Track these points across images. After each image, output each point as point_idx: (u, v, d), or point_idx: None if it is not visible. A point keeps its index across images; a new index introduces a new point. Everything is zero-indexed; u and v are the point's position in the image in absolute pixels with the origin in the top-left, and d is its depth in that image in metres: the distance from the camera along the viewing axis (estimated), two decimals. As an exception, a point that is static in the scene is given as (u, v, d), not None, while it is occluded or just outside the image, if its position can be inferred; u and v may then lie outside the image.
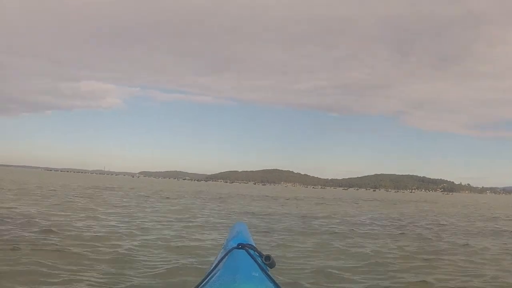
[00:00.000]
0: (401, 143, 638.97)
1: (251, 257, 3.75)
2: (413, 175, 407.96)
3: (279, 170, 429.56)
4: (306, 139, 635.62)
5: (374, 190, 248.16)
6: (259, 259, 3.88)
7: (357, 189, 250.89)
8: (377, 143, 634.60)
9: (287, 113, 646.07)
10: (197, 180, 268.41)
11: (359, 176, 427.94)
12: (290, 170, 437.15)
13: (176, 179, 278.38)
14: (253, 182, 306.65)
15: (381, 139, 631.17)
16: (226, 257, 3.83)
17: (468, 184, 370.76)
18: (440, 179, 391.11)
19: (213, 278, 3.51)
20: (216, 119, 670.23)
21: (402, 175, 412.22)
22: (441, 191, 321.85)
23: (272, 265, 3.91)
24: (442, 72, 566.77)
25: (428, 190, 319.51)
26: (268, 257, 3.88)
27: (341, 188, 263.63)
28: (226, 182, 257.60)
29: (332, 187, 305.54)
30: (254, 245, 4.16)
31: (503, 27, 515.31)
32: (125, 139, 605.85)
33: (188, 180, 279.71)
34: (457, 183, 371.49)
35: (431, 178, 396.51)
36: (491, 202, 78.36)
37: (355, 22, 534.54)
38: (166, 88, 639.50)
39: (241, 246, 3.94)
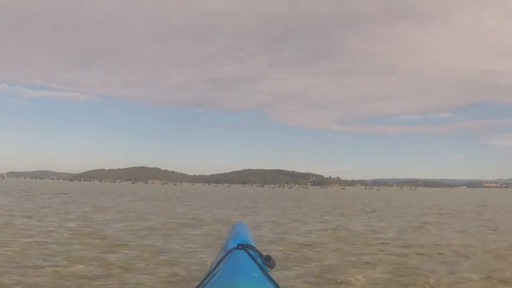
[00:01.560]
0: (269, 138, 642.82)
1: (251, 257, 3.81)
2: (281, 170, 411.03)
3: (146, 167, 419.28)
4: (173, 136, 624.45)
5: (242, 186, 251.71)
6: (259, 259, 3.96)
7: (229, 186, 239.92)
8: (245, 138, 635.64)
9: (155, 109, 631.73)
10: (70, 180, 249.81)
11: (227, 171, 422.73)
12: (157, 167, 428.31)
13: (43, 178, 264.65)
14: (119, 181, 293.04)
15: (249, 135, 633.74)
16: (226, 257, 3.89)
17: (338, 177, 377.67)
18: (309, 173, 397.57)
19: (213, 279, 3.58)
20: (83, 116, 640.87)
21: (271, 169, 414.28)
22: (311, 185, 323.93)
23: (272, 265, 4.03)
24: (314, 68, 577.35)
25: (298, 184, 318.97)
26: (268, 258, 3.99)
27: (212, 185, 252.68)
28: (102, 181, 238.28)
29: (201, 184, 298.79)
30: (254, 245, 4.26)
31: (377, 25, 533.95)
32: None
33: (56, 179, 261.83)
34: (326, 177, 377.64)
35: (300, 172, 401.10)
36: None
37: (231, 18, 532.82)
38: (34, 85, 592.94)
39: (241, 246, 3.98)
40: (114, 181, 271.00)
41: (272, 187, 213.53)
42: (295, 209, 26.80)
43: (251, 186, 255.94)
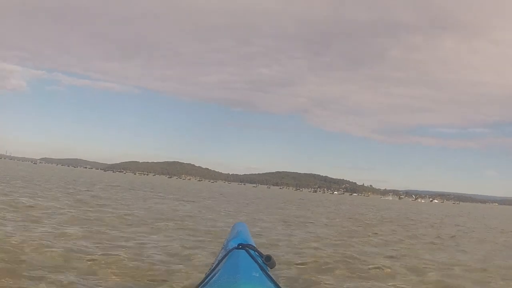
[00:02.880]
0: (304, 142, 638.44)
1: (252, 257, 3.78)
2: (315, 174, 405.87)
3: (180, 162, 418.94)
4: (209, 133, 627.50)
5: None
6: (260, 259, 3.92)
7: (268, 187, 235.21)
8: (281, 140, 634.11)
9: (192, 105, 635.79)
10: (103, 170, 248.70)
11: (261, 172, 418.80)
12: (191, 163, 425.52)
13: (76, 166, 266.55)
14: (153, 174, 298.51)
15: (285, 137, 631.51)
16: (226, 257, 3.85)
17: (370, 186, 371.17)
18: (342, 179, 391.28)
19: (213, 279, 3.55)
20: (120, 107, 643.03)
21: (305, 173, 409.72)
22: (343, 191, 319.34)
23: (272, 265, 3.97)
24: (353, 75, 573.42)
25: (331, 190, 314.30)
26: (268, 257, 3.93)
27: (248, 185, 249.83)
28: (135, 174, 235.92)
29: (236, 183, 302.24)
30: (254, 245, 4.21)
31: (420, 35, 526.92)
32: (28, 123, 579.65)
33: (89, 168, 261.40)
34: (359, 184, 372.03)
35: (334, 178, 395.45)
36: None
37: (273, 19, 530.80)
38: (73, 72, 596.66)
39: (241, 246, 3.95)
40: (147, 174, 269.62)
41: (314, 191, 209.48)
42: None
43: (288, 188, 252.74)
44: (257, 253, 3.96)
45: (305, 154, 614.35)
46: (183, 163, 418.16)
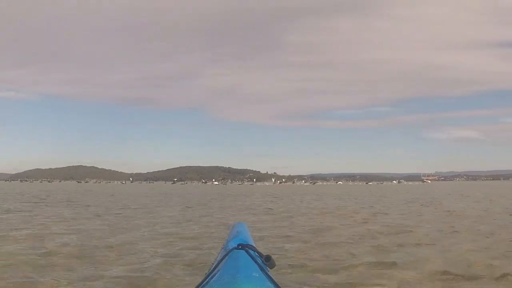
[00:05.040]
0: (207, 135, 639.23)
1: (251, 257, 3.77)
2: (218, 166, 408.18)
3: (83, 166, 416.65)
4: (110, 134, 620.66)
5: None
6: (259, 259, 3.92)
7: (183, 183, 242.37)
8: (182, 135, 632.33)
9: (92, 107, 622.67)
10: (6, 180, 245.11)
11: (163, 169, 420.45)
12: (95, 166, 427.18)
13: None
14: (58, 180, 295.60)
15: (186, 131, 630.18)
16: (226, 257, 3.84)
17: (275, 173, 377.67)
18: (246, 169, 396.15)
19: (213, 279, 3.54)
20: (19, 116, 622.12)
21: (208, 166, 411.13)
22: (248, 181, 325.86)
23: (272, 265, 4.00)
24: (253, 63, 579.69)
25: (235, 180, 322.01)
26: (268, 258, 3.95)
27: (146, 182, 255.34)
28: (40, 181, 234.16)
29: (145, 182, 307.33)
30: (254, 245, 4.21)
31: (319, 18, 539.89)
32: None
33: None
34: (263, 172, 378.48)
35: (237, 168, 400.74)
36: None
37: (169, 15, 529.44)
38: None
39: (241, 246, 3.94)
40: (52, 181, 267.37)
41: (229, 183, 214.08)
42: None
43: (199, 183, 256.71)
44: (256, 253, 3.99)
45: (208, 147, 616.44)
46: (87, 166, 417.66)
